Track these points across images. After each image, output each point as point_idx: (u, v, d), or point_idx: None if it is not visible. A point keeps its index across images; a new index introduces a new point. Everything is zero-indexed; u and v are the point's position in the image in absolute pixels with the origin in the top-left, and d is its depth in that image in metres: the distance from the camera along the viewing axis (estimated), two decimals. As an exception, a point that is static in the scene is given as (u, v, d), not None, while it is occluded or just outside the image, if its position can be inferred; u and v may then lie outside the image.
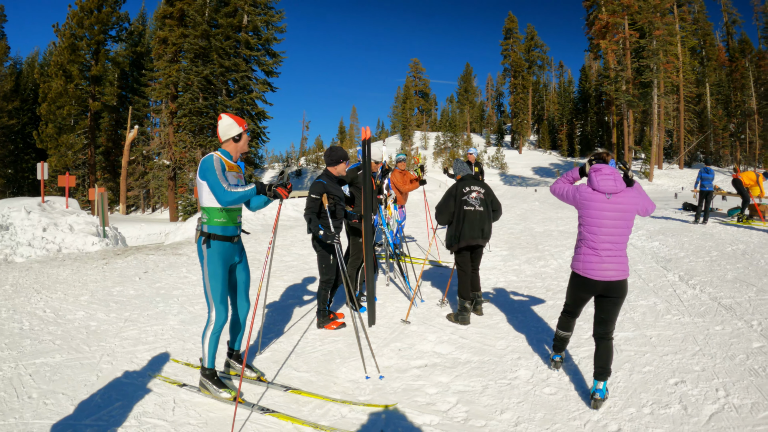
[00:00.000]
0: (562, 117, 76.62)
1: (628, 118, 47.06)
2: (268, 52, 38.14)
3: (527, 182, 56.03)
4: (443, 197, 5.97)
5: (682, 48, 47.65)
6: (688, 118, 50.05)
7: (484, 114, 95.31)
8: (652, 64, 43.90)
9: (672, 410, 3.69)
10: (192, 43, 34.16)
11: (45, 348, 5.09)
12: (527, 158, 71.77)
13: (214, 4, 35.95)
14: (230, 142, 4.02)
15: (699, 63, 53.87)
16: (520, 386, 4.21)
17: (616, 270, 3.80)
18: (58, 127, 38.99)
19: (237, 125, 3.99)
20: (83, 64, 39.86)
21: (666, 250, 9.82)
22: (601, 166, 3.96)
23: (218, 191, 3.75)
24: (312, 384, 4.29)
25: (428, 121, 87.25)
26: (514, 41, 77.55)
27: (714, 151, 53.07)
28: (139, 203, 47.97)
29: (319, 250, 5.45)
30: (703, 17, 55.32)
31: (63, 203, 14.38)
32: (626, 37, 45.24)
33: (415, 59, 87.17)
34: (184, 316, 6.28)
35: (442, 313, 6.24)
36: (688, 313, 5.89)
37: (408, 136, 75.28)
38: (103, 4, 39.67)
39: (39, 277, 8.43)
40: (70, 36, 38.77)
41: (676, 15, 48.07)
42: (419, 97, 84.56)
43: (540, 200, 23.99)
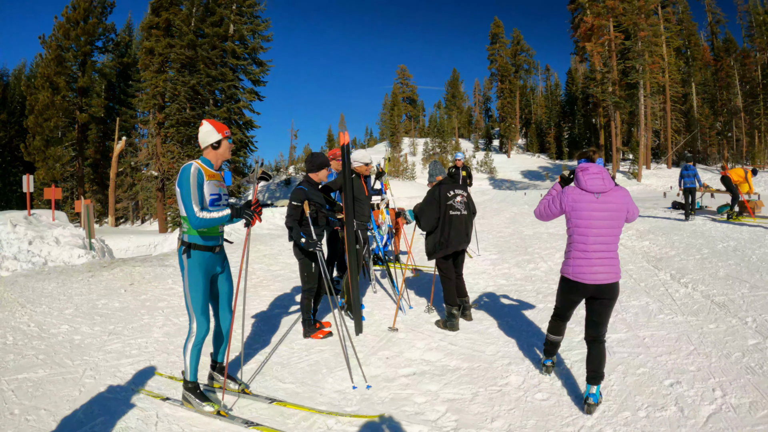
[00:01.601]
0: (550, 120, 77.01)
1: (615, 120, 47.32)
2: (255, 61, 38.06)
3: (516, 186, 56.21)
4: (425, 201, 5.80)
5: (667, 48, 47.98)
6: (674, 117, 50.33)
7: (472, 119, 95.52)
8: (637, 65, 44.18)
9: (668, 412, 3.63)
10: (178, 53, 34.02)
11: (28, 363, 4.98)
12: (516, 162, 72.04)
13: (200, 14, 35.83)
14: (210, 149, 3.89)
15: (684, 63, 54.24)
16: (511, 393, 4.13)
17: (608, 272, 3.73)
18: (45, 139, 38.60)
19: (216, 131, 3.85)
20: (70, 75, 39.54)
21: (656, 249, 9.82)
22: (588, 165, 3.86)
23: (189, 213, 3.66)
24: (298, 395, 4.20)
25: (416, 127, 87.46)
26: (500, 46, 77.86)
27: (701, 150, 53.41)
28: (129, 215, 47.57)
29: (301, 258, 5.37)
30: (688, 18, 55.77)
31: (50, 216, 14.23)
32: (611, 39, 45.53)
33: (402, 66, 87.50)
34: (169, 328, 6.18)
35: (431, 320, 6.16)
36: (681, 312, 5.86)
37: (396, 142, 75.21)
38: (89, 15, 39.42)
39: (24, 290, 8.29)
40: (57, 48, 38.47)
41: (661, 16, 48.43)
42: (407, 103, 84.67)
43: (529, 203, 24.00)
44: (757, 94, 49.66)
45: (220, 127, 3.88)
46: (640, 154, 43.92)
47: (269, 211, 18.42)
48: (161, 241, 18.57)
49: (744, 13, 52.12)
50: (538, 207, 4.15)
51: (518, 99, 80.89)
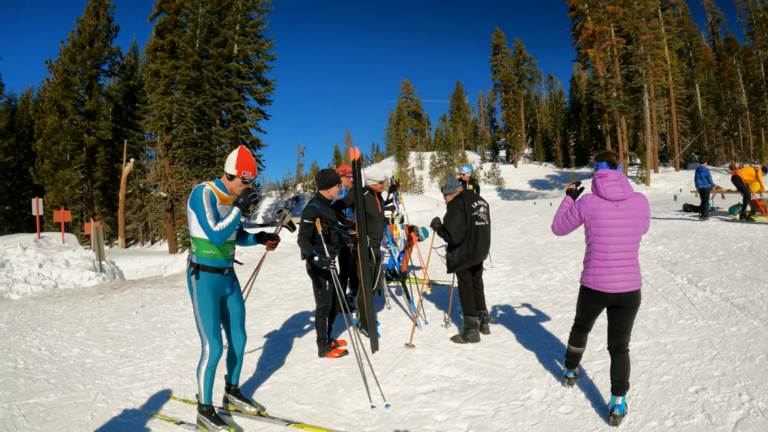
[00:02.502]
0: (555, 128, 76.88)
1: (620, 125, 47.16)
2: (260, 80, 38.41)
3: (525, 196, 56.07)
4: (450, 214, 5.71)
5: (669, 51, 47.91)
6: (680, 119, 50.14)
7: (478, 130, 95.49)
8: (640, 69, 44.11)
9: (695, 420, 3.51)
10: (184, 74, 34.36)
11: (39, 387, 4.95)
12: (523, 172, 71.93)
13: (204, 35, 36.24)
14: (226, 175, 3.88)
15: (687, 64, 54.17)
16: (534, 407, 4.02)
17: (629, 280, 3.63)
18: (54, 162, 38.97)
19: (234, 166, 3.82)
20: (77, 99, 39.95)
21: (671, 254, 9.66)
22: (606, 171, 3.77)
23: (206, 229, 3.64)
24: (315, 417, 4.11)
25: (422, 141, 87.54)
26: (502, 56, 78.07)
27: (708, 151, 53.05)
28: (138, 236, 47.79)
29: (314, 276, 5.30)
30: (688, 19, 55.77)
31: (60, 239, 14.27)
32: (613, 44, 45.52)
33: (406, 80, 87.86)
34: (182, 350, 6.11)
35: (447, 335, 6.05)
36: (701, 316, 5.73)
37: (403, 157, 75.40)
38: (95, 39, 39.91)
39: (35, 314, 8.30)
40: (63, 72, 38.93)
41: (661, 19, 48.42)
42: (412, 117, 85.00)
43: (539, 213, 23.87)
44: (762, 92, 49.49)
45: (242, 164, 3.83)
46: (647, 159, 43.74)
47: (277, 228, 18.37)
48: (171, 261, 18.57)
49: (743, 11, 52.08)
50: (554, 221, 4.05)
51: (523, 109, 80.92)
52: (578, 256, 10.09)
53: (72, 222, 36.33)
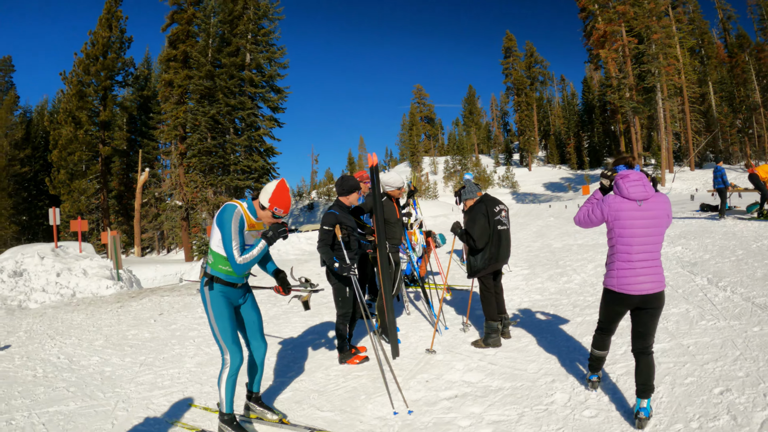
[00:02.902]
0: (569, 130, 76.46)
1: (634, 125, 46.89)
2: (273, 88, 38.68)
3: (539, 199, 55.84)
4: (474, 218, 5.62)
5: (681, 49, 47.59)
6: (694, 118, 49.71)
7: (491, 134, 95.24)
8: (653, 68, 43.85)
9: (721, 422, 3.45)
10: (197, 84, 34.71)
11: (59, 396, 4.98)
12: (537, 175, 71.67)
13: (216, 45, 36.58)
14: (258, 202, 3.82)
15: (699, 62, 53.78)
16: (558, 411, 3.96)
17: (653, 282, 3.57)
18: (69, 173, 39.48)
19: (269, 198, 3.73)
20: (92, 110, 40.48)
21: (690, 254, 9.52)
22: (627, 172, 3.71)
23: (230, 257, 3.61)
24: (337, 423, 4.08)
25: (436, 145, 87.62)
26: (514, 59, 77.91)
27: (723, 149, 52.55)
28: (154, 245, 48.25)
29: (335, 283, 5.27)
30: (699, 16, 55.40)
31: (76, 248, 14.40)
32: (625, 44, 45.33)
33: (418, 85, 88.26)
34: (201, 357, 6.12)
35: (468, 340, 5.99)
36: (723, 316, 5.62)
37: (417, 162, 75.44)
38: (108, 50, 40.43)
39: (53, 322, 8.38)
40: (78, 83, 39.47)
41: (672, 17, 48.13)
42: (425, 122, 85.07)
43: (555, 216, 23.69)
44: (775, 88, 48.94)
45: (276, 199, 3.74)
46: (662, 158, 43.39)
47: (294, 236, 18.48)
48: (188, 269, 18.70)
49: (754, 6, 51.73)
50: (578, 214, 4.01)
51: (535, 111, 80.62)
52: (596, 259, 10.00)
53: (88, 231, 36.74)
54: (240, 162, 35.72)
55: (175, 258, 38.28)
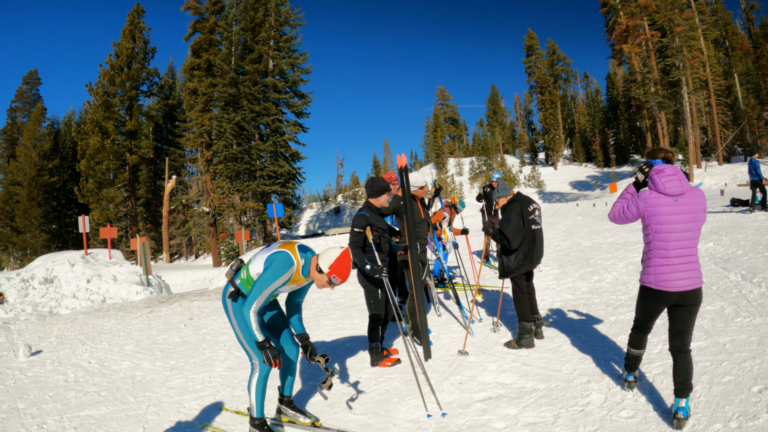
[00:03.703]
0: (594, 128, 75.35)
1: (660, 120, 45.98)
2: (296, 93, 38.99)
3: (566, 198, 55.22)
4: (508, 217, 5.53)
5: (705, 41, 46.54)
6: (720, 111, 48.57)
7: (516, 134, 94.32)
8: (677, 61, 42.94)
9: (761, 421, 3.35)
10: (221, 91, 35.17)
11: (90, 400, 5.04)
12: (563, 173, 70.84)
13: (239, 52, 37.04)
14: (314, 264, 3.71)
15: (724, 54, 52.53)
16: (594, 412, 3.89)
17: (691, 278, 3.48)
18: (98, 181, 40.33)
19: (329, 265, 3.59)
20: (118, 120, 41.34)
21: (722, 250, 9.29)
22: (663, 166, 3.63)
23: (248, 299, 3.54)
24: (370, 427, 4.06)
25: (460, 147, 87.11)
26: (536, 57, 77.06)
27: (751, 143, 51.19)
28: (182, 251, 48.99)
29: (366, 285, 5.26)
30: (721, 7, 54.12)
31: (106, 255, 14.65)
32: (648, 38, 44.51)
33: (441, 87, 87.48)
34: (232, 362, 6.15)
35: (500, 341, 5.92)
36: (759, 313, 5.46)
37: (442, 164, 75.15)
38: (133, 61, 41.27)
39: (84, 328, 8.52)
40: (103, 94, 40.35)
41: (694, 8, 47.09)
42: (449, 123, 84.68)
43: (583, 214, 23.38)
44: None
45: (337, 268, 3.61)
46: (689, 154, 42.46)
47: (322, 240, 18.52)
48: (216, 275, 18.88)
49: (777, -6, 50.34)
50: (612, 210, 3.92)
51: (560, 109, 79.58)
52: (627, 257, 9.82)
53: (117, 238, 37.44)
54: (266, 167, 36.07)
55: (204, 264, 38.77)
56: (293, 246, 3.69)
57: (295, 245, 3.72)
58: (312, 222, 64.55)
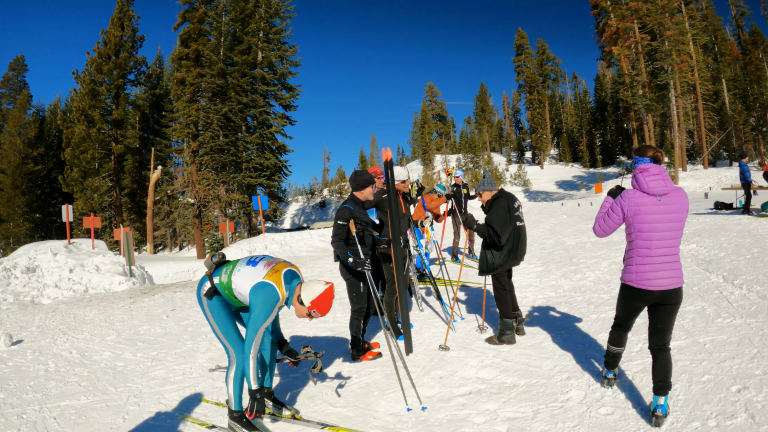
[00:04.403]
0: (581, 128, 75.73)
1: (647, 123, 46.39)
2: (285, 86, 38.70)
3: (552, 197, 55.50)
4: (497, 213, 5.50)
5: (694, 46, 47.04)
6: (707, 116, 49.11)
7: (503, 132, 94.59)
8: (666, 65, 43.35)
9: (739, 420, 3.41)
10: (209, 82, 34.83)
11: (70, 390, 5.00)
12: (549, 173, 71.14)
13: (228, 43, 36.67)
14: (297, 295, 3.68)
15: (713, 59, 53.12)
16: (574, 408, 3.93)
17: (672, 277, 3.52)
18: (82, 171, 39.82)
19: (311, 300, 3.57)
20: (104, 108, 40.77)
21: (705, 252, 9.41)
22: (648, 166, 3.64)
23: (247, 345, 3.52)
24: (350, 420, 4.06)
25: (448, 143, 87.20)
26: (525, 57, 77.20)
27: (737, 147, 51.82)
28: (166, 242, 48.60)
29: (348, 279, 5.25)
30: (712, 13, 54.71)
31: (89, 244, 14.50)
32: (638, 41, 44.85)
33: (430, 83, 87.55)
34: (213, 353, 6.12)
35: (482, 337, 5.96)
36: (739, 314, 5.56)
37: (428, 160, 75.23)
38: (120, 49, 40.70)
39: (65, 318, 8.42)
40: (90, 82, 39.77)
41: (685, 14, 47.57)
42: (437, 120, 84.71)
43: (568, 213, 23.55)
44: (790, 85, 48.27)
45: (318, 304, 3.59)
46: (675, 156, 42.88)
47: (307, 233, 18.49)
48: (200, 266, 18.76)
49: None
50: (596, 223, 3.91)
51: (548, 109, 79.91)
52: (610, 256, 9.92)
53: (101, 228, 37.05)
54: (252, 159, 35.81)
55: (188, 255, 38.48)
56: (279, 276, 3.62)
57: (281, 273, 3.64)
58: (297, 215, 64.39)
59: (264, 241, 16.66)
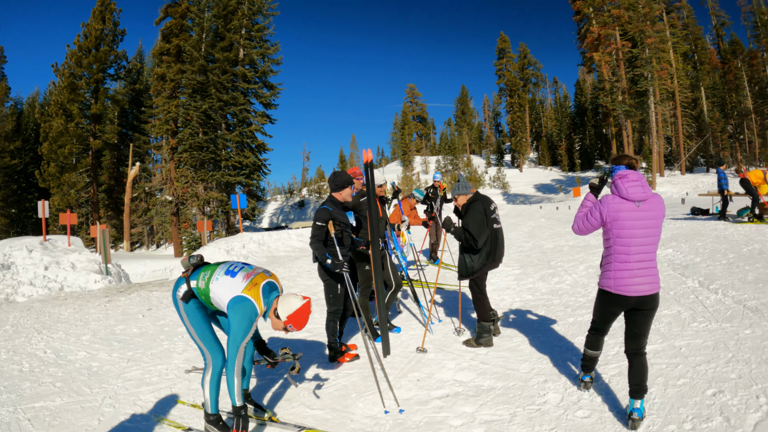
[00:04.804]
0: (561, 132, 76.65)
1: (626, 129, 47.11)
2: (266, 84, 38.47)
3: (530, 200, 56.00)
4: (474, 215, 5.48)
5: (674, 54, 47.91)
6: (685, 123, 50.07)
7: (483, 135, 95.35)
8: (646, 72, 44.08)
9: (714, 423, 3.46)
10: (190, 78, 34.48)
11: (45, 391, 4.91)
12: (528, 176, 71.81)
13: (209, 40, 36.32)
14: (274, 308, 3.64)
15: (692, 68, 54.21)
16: (551, 411, 3.95)
17: (650, 283, 3.56)
18: (60, 166, 39.13)
19: (288, 314, 3.53)
20: (83, 102, 40.14)
21: (681, 257, 9.55)
22: (626, 172, 3.67)
23: (230, 361, 3.48)
24: (327, 422, 4.04)
25: (427, 145, 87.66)
26: (507, 60, 77.81)
27: (714, 154, 52.89)
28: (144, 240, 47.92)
29: (326, 280, 5.22)
30: (693, 22, 55.81)
31: (65, 241, 14.25)
32: (619, 47, 45.54)
33: (411, 84, 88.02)
34: (190, 353, 6.04)
35: (459, 339, 5.97)
36: (715, 319, 5.64)
37: (408, 161, 75.39)
38: (101, 43, 40.11)
39: (40, 316, 8.24)
40: (69, 75, 39.13)
41: (666, 22, 48.47)
42: (417, 122, 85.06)
43: (546, 217, 23.79)
44: (767, 95, 49.32)
45: (295, 318, 3.56)
46: (653, 162, 43.59)
47: (285, 233, 18.39)
48: (177, 265, 18.56)
49: (748, 13, 52.13)
50: (575, 222, 3.93)
51: (528, 113, 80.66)
52: (588, 260, 10.02)
53: (77, 225, 36.46)
54: (231, 158, 35.51)
55: (165, 254, 38.03)
56: (258, 290, 3.56)
57: (260, 287, 3.58)
58: (276, 215, 63.99)
59: (242, 240, 16.50)
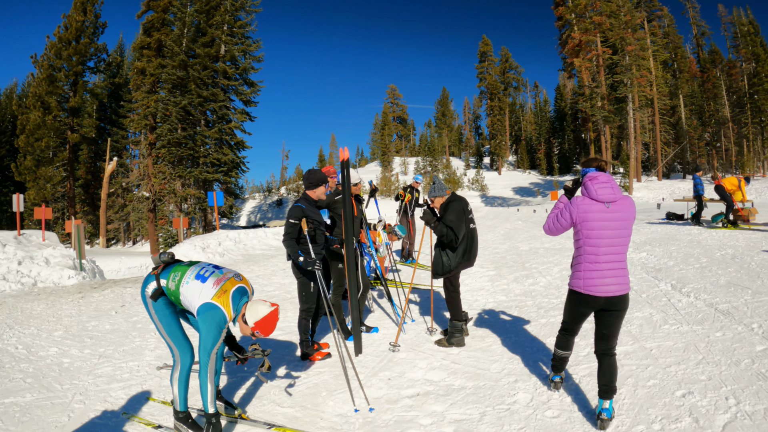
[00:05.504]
0: (540, 136, 77.26)
1: (604, 134, 47.62)
2: (246, 81, 38.11)
3: (508, 202, 56.28)
4: (453, 214, 5.53)
5: (654, 62, 48.56)
6: (663, 130, 50.75)
7: (463, 137, 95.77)
8: (625, 79, 44.64)
9: (683, 424, 3.52)
10: (170, 73, 34.04)
11: (15, 387, 4.84)
12: (507, 179, 72.10)
13: (191, 35, 35.92)
14: (243, 312, 3.63)
15: (671, 76, 54.98)
16: (520, 411, 3.99)
17: (619, 284, 3.61)
18: (36, 159, 38.29)
19: (255, 321, 3.54)
20: (61, 95, 39.33)
21: (654, 260, 9.72)
22: (597, 174, 3.73)
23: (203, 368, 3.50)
24: (297, 420, 4.04)
25: (407, 146, 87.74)
26: (489, 64, 78.10)
27: (691, 161, 53.80)
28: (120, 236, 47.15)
29: (299, 278, 5.21)
30: (673, 31, 56.58)
31: (40, 236, 14.02)
32: (599, 54, 46.02)
33: (392, 85, 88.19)
34: (161, 351, 5.99)
35: (431, 339, 6.00)
36: (686, 321, 5.75)
37: (387, 162, 75.20)
38: (81, 35, 39.38)
39: (12, 311, 8.11)
40: (48, 67, 38.33)
41: (647, 30, 49.15)
42: (397, 122, 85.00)
43: (523, 219, 23.99)
44: (744, 104, 50.45)
45: (262, 325, 3.56)
46: (630, 168, 44.12)
47: (262, 231, 18.28)
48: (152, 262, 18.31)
49: (728, 24, 53.08)
50: (546, 222, 3.99)
51: (508, 116, 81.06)
52: (562, 262, 10.14)
53: (53, 220, 35.76)
54: (210, 154, 35.12)
55: (141, 250, 37.46)
56: (228, 297, 3.54)
57: (230, 294, 3.56)
58: (254, 213, 63.55)
59: (218, 237, 16.37)
